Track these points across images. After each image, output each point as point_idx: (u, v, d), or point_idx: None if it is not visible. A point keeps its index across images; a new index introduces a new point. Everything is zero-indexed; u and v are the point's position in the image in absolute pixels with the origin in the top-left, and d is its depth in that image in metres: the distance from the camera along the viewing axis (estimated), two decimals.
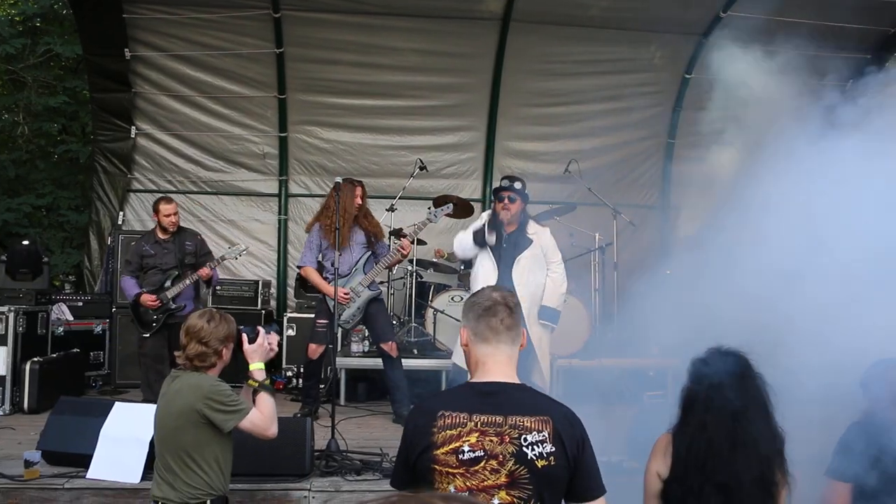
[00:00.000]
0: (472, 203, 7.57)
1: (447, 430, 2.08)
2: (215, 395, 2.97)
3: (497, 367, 2.17)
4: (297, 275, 7.19)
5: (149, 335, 5.99)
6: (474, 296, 2.30)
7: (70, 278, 8.46)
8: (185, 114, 8.09)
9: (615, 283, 7.21)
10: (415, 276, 7.15)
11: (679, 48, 8.27)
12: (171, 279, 6.05)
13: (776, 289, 3.51)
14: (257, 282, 7.75)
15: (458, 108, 8.44)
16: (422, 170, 7.51)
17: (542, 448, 2.04)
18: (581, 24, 7.86)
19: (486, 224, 5.39)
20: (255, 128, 8.22)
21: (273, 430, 3.07)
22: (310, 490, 4.07)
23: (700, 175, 6.39)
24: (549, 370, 5.59)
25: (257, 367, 3.15)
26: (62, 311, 7.06)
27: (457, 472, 2.05)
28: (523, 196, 5.42)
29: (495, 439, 2.06)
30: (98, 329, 7.32)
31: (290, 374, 7.12)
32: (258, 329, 3.19)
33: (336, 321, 5.23)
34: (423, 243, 7.30)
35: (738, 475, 2.47)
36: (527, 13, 7.70)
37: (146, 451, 4.02)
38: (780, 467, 2.52)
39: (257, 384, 3.13)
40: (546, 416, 2.09)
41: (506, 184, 5.45)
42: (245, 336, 3.14)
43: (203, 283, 6.34)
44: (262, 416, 3.04)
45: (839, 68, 6.31)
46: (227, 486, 3.11)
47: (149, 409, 3.61)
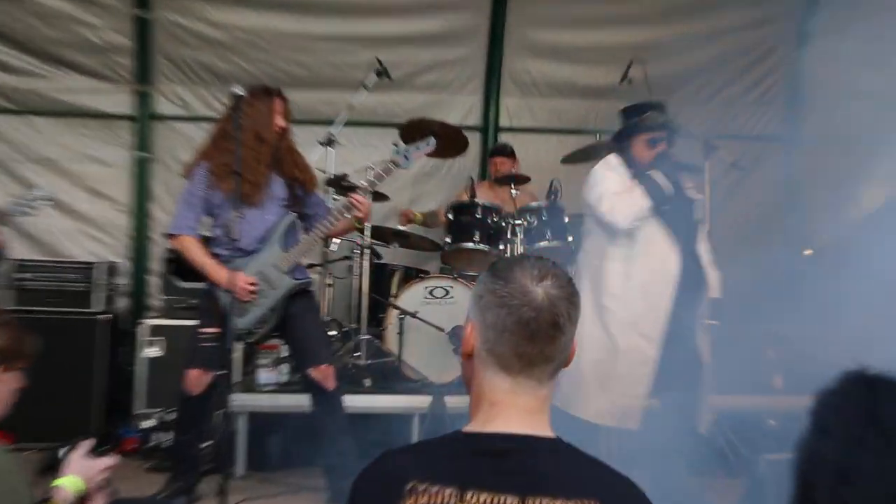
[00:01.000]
0: (465, 134, 5.78)
1: None
2: None
3: (516, 412, 1.52)
4: (168, 250, 5.76)
5: None
6: (499, 281, 1.47)
7: None
8: None
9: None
10: (369, 256, 5.61)
11: None
12: None
13: None
14: (91, 265, 5.68)
15: None
16: (381, 76, 5.90)
17: None
18: None
19: (640, 173, 4.09)
20: (94, 1, 6.03)
21: None
22: None
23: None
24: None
25: (70, 483, 2.46)
26: None
27: None
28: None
29: None
30: None
31: (148, 423, 5.46)
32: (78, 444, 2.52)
33: (232, 329, 4.10)
34: (382, 198, 5.75)
35: None
36: None
37: None
38: None
39: None
40: (592, 497, 1.45)
41: (654, 114, 4.17)
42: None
43: None
44: None
45: None
46: None
47: None
